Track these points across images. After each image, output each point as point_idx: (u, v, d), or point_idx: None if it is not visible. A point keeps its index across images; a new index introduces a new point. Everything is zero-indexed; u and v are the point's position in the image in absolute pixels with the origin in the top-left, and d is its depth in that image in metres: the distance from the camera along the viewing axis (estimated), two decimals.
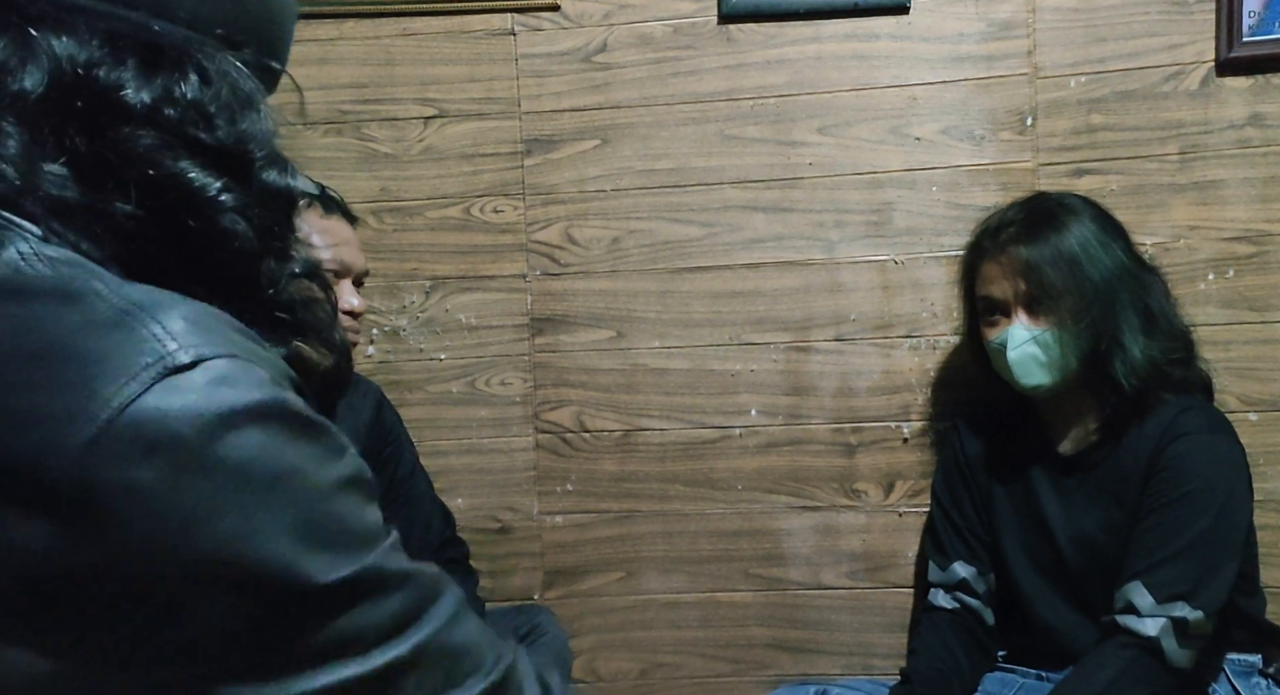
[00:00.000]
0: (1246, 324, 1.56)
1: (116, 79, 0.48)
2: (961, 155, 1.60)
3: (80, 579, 0.40)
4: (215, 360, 0.43)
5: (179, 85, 0.50)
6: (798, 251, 1.64)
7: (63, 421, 0.40)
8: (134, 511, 0.40)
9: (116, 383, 0.41)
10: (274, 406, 0.44)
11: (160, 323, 0.43)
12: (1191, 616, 1.25)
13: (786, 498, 1.67)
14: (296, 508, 0.44)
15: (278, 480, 0.43)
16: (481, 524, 1.70)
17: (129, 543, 0.40)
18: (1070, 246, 1.32)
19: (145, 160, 0.48)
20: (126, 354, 0.42)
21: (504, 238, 1.68)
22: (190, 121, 0.50)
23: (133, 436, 0.40)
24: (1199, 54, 1.55)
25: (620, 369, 1.68)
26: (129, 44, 0.49)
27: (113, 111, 0.48)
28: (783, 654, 1.68)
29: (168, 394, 0.41)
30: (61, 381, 0.41)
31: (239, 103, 0.52)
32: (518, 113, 1.67)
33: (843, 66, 1.62)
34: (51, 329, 0.42)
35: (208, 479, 0.41)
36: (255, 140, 0.53)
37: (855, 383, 1.65)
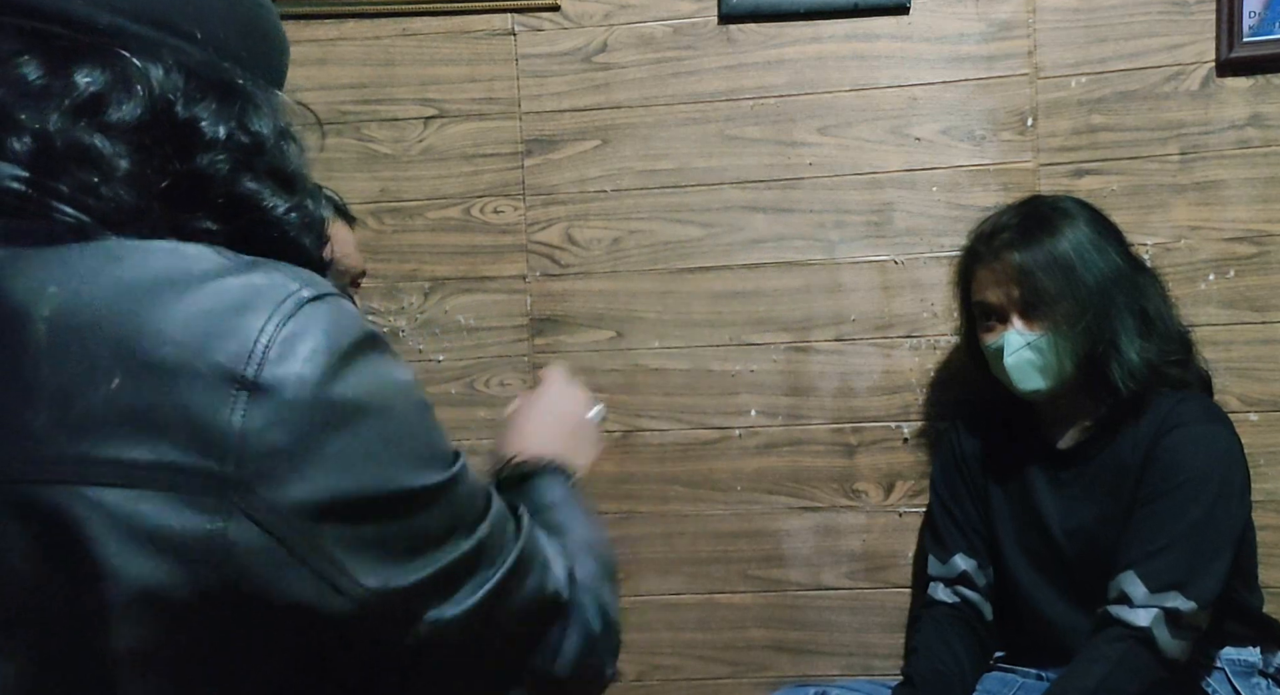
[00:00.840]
0: (1247, 324, 1.56)
1: (199, 111, 0.55)
2: (962, 156, 1.60)
3: (269, 448, 0.49)
4: (330, 297, 0.53)
5: (251, 120, 0.58)
6: (798, 252, 1.64)
7: (241, 331, 0.49)
8: (305, 395, 0.49)
9: (270, 307, 0.50)
10: (378, 334, 0.55)
11: (277, 270, 0.52)
12: (1185, 607, 1.25)
13: (786, 498, 1.66)
14: (411, 416, 0.54)
15: (399, 392, 0.54)
16: None
17: (300, 421, 0.49)
18: (1064, 251, 1.33)
19: (227, 182, 0.56)
20: (269, 289, 0.51)
21: (504, 238, 1.68)
22: (259, 151, 0.57)
23: (292, 348, 0.49)
24: (1199, 54, 1.55)
25: (620, 369, 1.68)
26: (207, 80, 0.56)
27: (196, 139, 0.55)
28: (782, 655, 1.67)
29: (309, 320, 0.51)
30: (229, 303, 0.50)
31: (283, 135, 0.60)
32: (518, 113, 1.67)
33: (843, 67, 1.62)
34: (204, 265, 0.51)
35: (353, 387, 0.51)
36: (302, 169, 0.61)
37: (855, 383, 1.64)
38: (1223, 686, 1.34)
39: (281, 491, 0.49)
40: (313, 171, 0.62)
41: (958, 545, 1.50)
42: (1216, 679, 1.35)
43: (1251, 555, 1.41)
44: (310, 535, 0.49)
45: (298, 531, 0.49)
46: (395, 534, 0.53)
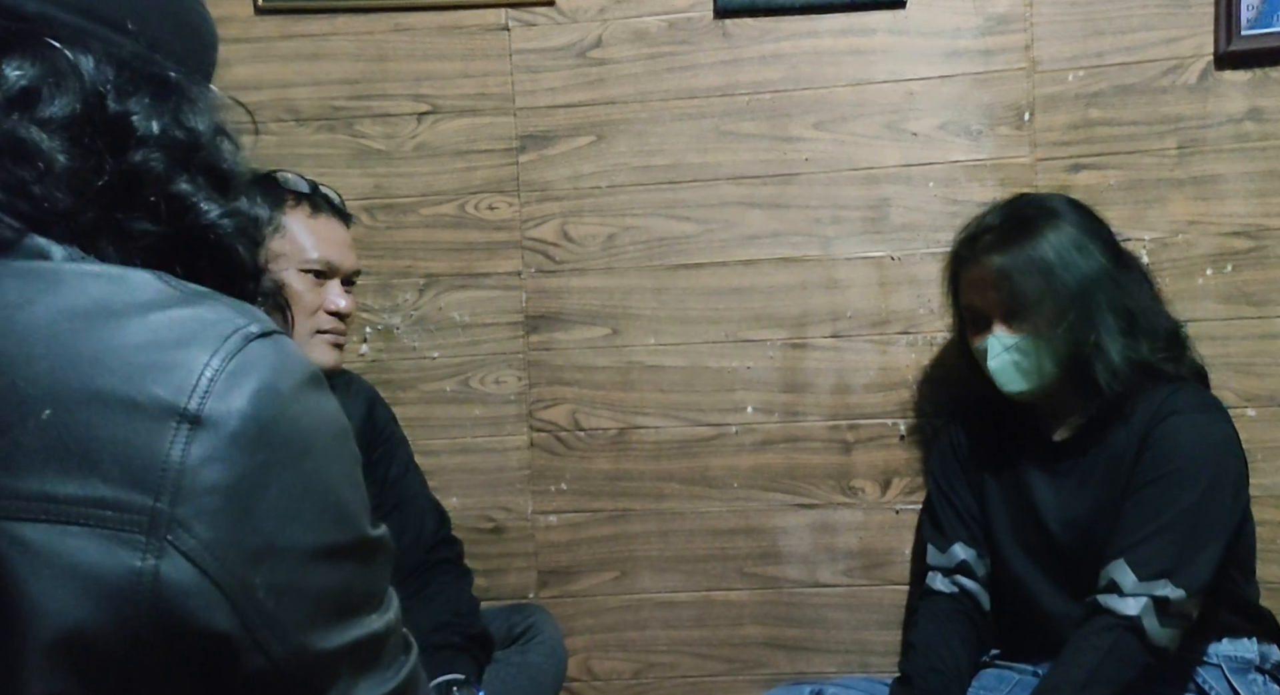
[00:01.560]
0: (1245, 319, 1.55)
1: (131, 105, 0.53)
2: (959, 151, 1.60)
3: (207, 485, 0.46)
4: (277, 335, 0.51)
5: (186, 116, 0.55)
6: (794, 248, 1.63)
7: (185, 363, 0.47)
8: (249, 430, 0.47)
9: (215, 342, 0.48)
10: (320, 376, 0.52)
11: (221, 303, 0.50)
12: (1173, 595, 1.25)
13: (783, 495, 1.66)
14: (347, 468, 0.52)
15: (337, 438, 0.52)
16: (475, 523, 1.69)
17: (240, 459, 0.47)
18: (1044, 254, 1.32)
19: (161, 181, 0.53)
20: (214, 322, 0.49)
21: (498, 235, 1.67)
22: (193, 149, 0.55)
23: (238, 382, 0.47)
24: (1197, 48, 1.54)
25: (615, 366, 1.67)
26: (139, 73, 0.54)
27: (129, 135, 0.53)
28: (778, 653, 1.67)
29: (255, 356, 0.48)
30: (172, 335, 0.47)
31: (218, 132, 0.58)
32: (512, 109, 1.65)
33: (839, 61, 1.61)
34: (146, 295, 0.49)
35: (297, 425, 0.49)
36: (239, 169, 0.58)
37: (852, 379, 1.64)
38: (1219, 683, 1.34)
39: (219, 530, 0.46)
40: (247, 169, 0.60)
41: (957, 534, 1.50)
42: (1213, 675, 1.35)
43: (1249, 548, 1.41)
44: (244, 578, 0.46)
45: (233, 573, 0.46)
46: (328, 587, 0.50)
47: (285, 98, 1.66)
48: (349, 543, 0.50)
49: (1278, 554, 1.56)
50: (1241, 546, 1.38)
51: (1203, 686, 1.34)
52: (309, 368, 0.51)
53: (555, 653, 1.55)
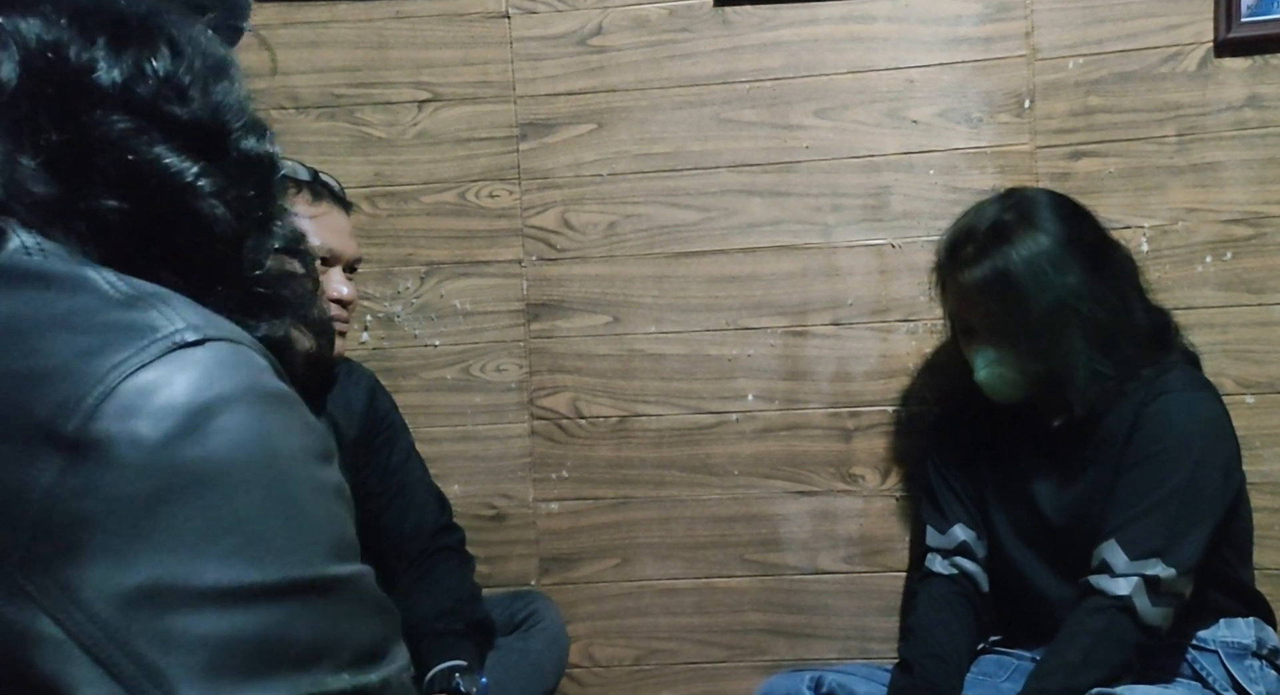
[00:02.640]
0: (1244, 306, 1.56)
1: (87, 59, 0.47)
2: (959, 138, 1.60)
3: (77, 517, 0.41)
4: (220, 342, 0.44)
5: (149, 60, 0.49)
6: (795, 236, 1.64)
7: (77, 380, 0.41)
8: (135, 456, 0.41)
9: (126, 351, 0.42)
10: (271, 393, 0.45)
11: (169, 305, 0.45)
12: (1164, 574, 1.26)
13: (783, 483, 1.66)
14: (280, 497, 0.43)
15: (265, 464, 0.43)
16: (476, 511, 1.69)
17: (125, 487, 0.41)
18: (1019, 274, 1.32)
19: (121, 147, 0.47)
20: (138, 329, 0.43)
21: (499, 223, 1.67)
22: (163, 98, 0.48)
23: (137, 399, 0.41)
24: (1197, 35, 1.54)
25: (616, 354, 1.67)
26: (96, 20, 0.48)
27: (85, 95, 0.47)
28: (779, 639, 1.68)
29: (175, 367, 0.42)
30: (74, 347, 0.42)
31: (211, 72, 0.51)
32: (513, 96, 1.65)
33: (839, 49, 1.61)
34: (65, 305, 0.43)
35: (203, 447, 0.42)
36: (230, 109, 0.51)
37: (852, 367, 1.64)
38: (1216, 669, 1.35)
39: (83, 571, 0.40)
40: (247, 115, 0.52)
41: (957, 516, 1.51)
42: (1209, 660, 1.36)
43: (1245, 531, 1.41)
44: (113, 627, 0.40)
45: (96, 621, 0.40)
46: (237, 635, 0.41)
47: (286, 85, 1.66)
48: (273, 583, 0.42)
49: (1276, 540, 1.56)
50: (1236, 529, 1.39)
51: (1199, 672, 1.35)
52: (251, 382, 0.44)
53: (557, 639, 1.56)
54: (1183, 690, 1.33)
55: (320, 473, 0.46)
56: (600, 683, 1.70)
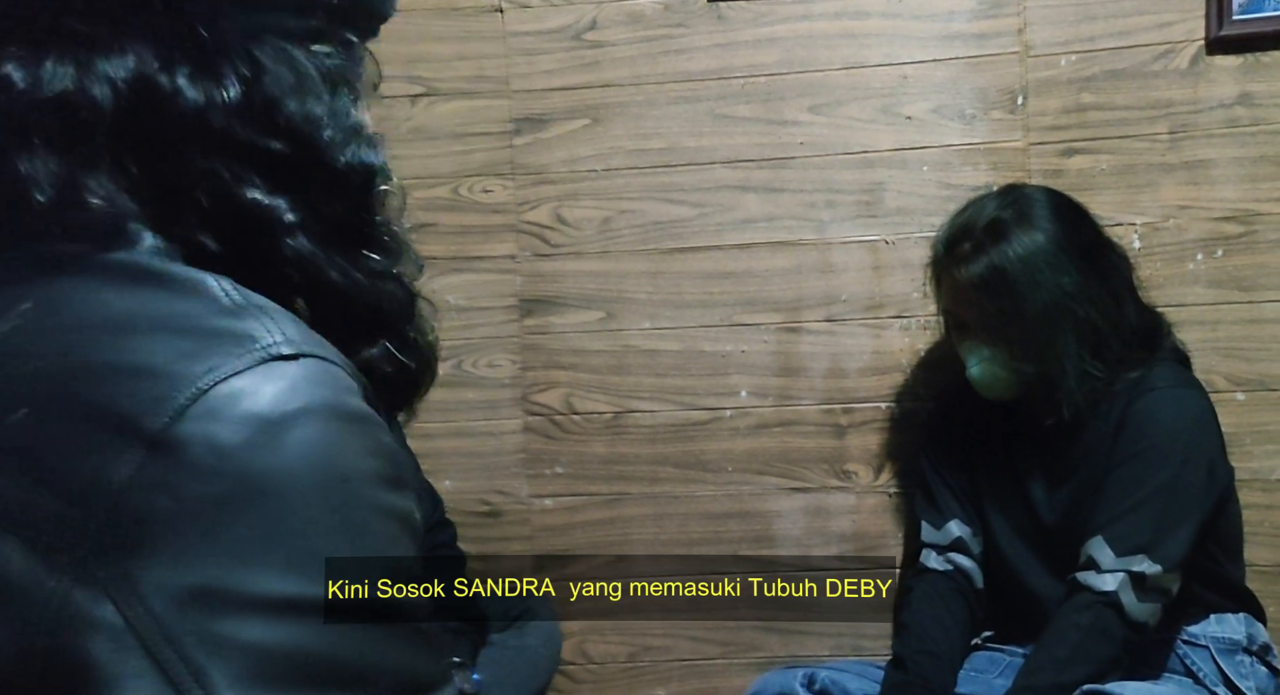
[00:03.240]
0: (1234, 304, 1.57)
1: (171, 90, 0.48)
2: (952, 134, 1.60)
3: (148, 512, 0.42)
4: (315, 359, 0.45)
5: (227, 88, 0.49)
6: (789, 232, 1.64)
7: (173, 380, 0.43)
8: (209, 460, 0.42)
9: (223, 357, 0.43)
10: (351, 413, 0.46)
11: (273, 319, 0.46)
12: (1150, 570, 1.26)
13: (777, 479, 1.66)
14: (343, 516, 0.44)
15: (334, 482, 0.44)
16: (470, 507, 1.68)
17: (196, 488, 0.42)
18: (1015, 273, 1.33)
19: (210, 185, 0.48)
20: (239, 337, 0.44)
21: (494, 218, 1.67)
22: (246, 123, 0.49)
23: (223, 404, 0.42)
24: (1189, 32, 1.55)
25: (610, 350, 1.67)
26: (181, 52, 0.48)
27: (173, 127, 0.48)
28: (772, 636, 1.68)
29: (265, 377, 0.43)
30: (176, 349, 0.44)
31: (298, 89, 0.50)
32: (507, 91, 1.65)
33: (833, 45, 1.61)
34: (176, 307, 0.45)
35: (276, 457, 0.43)
36: (319, 123, 0.51)
37: (846, 363, 1.64)
38: (1207, 664, 1.36)
39: (147, 565, 0.41)
40: (360, 134, 0.51)
41: (953, 512, 1.51)
42: (1200, 656, 1.36)
43: (1234, 528, 1.42)
44: (167, 623, 0.41)
45: (153, 615, 0.41)
46: (278, 647, 0.42)
47: None
48: (324, 599, 0.43)
49: (1265, 537, 1.57)
50: (1225, 526, 1.39)
51: (1190, 668, 1.36)
52: (333, 399, 0.45)
53: (551, 636, 1.56)
54: (1174, 686, 1.34)
55: (388, 498, 0.46)
56: (594, 679, 1.70)
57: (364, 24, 0.58)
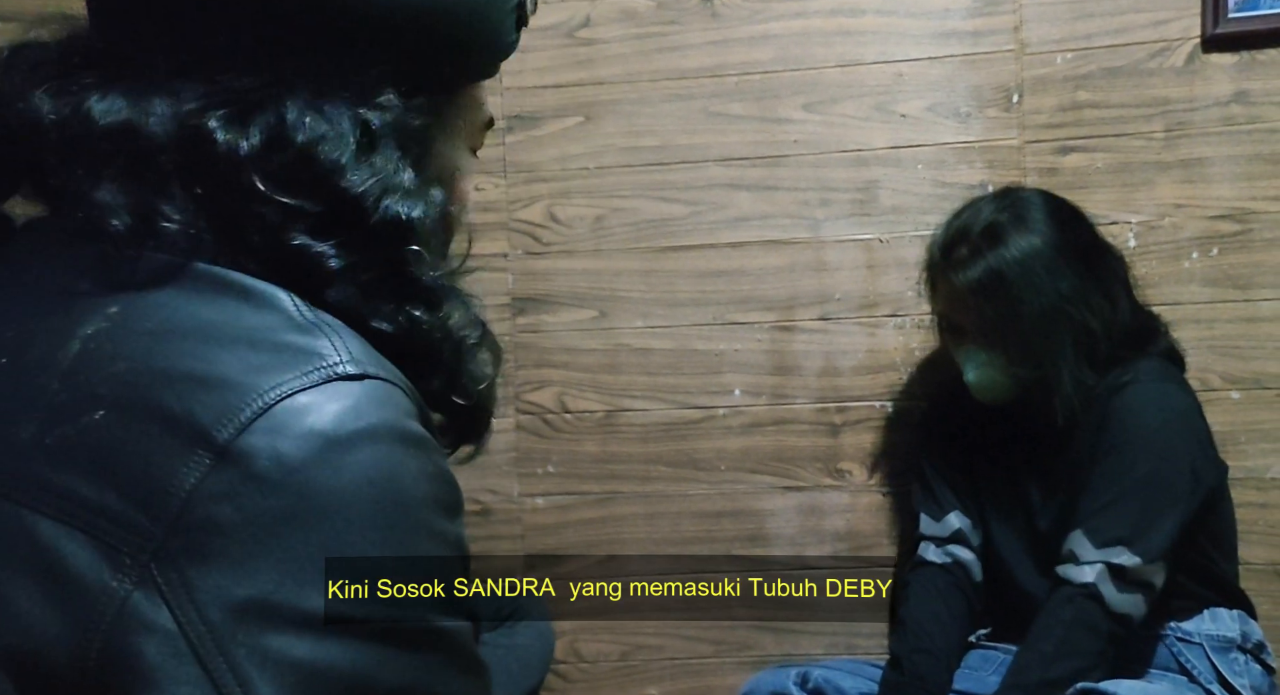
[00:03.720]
0: (1230, 302, 1.56)
1: (208, 131, 0.48)
2: (947, 132, 1.59)
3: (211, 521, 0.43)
4: (378, 381, 0.46)
5: (252, 136, 0.49)
6: (783, 230, 1.63)
7: (242, 392, 0.44)
8: (273, 473, 0.43)
9: (291, 373, 0.45)
10: (411, 437, 0.46)
11: (341, 339, 0.47)
12: (1129, 562, 1.26)
13: (770, 478, 1.66)
14: (398, 538, 0.45)
15: (391, 505, 0.45)
16: None
17: (259, 501, 0.43)
18: (1013, 277, 1.32)
19: (259, 225, 0.49)
20: (307, 354, 0.46)
21: (485, 216, 1.66)
22: (271, 171, 0.49)
23: (288, 419, 0.44)
24: (1185, 30, 1.54)
25: (603, 349, 1.66)
26: (218, 97, 0.49)
27: (215, 168, 0.49)
28: (765, 635, 1.67)
29: (330, 396, 0.45)
30: (249, 362, 0.45)
31: (327, 142, 0.50)
32: (499, 88, 1.64)
33: (828, 42, 1.60)
34: (253, 320, 0.47)
35: (337, 476, 0.43)
36: (344, 176, 0.50)
37: (840, 362, 1.64)
38: (1201, 662, 1.35)
39: (206, 573, 0.42)
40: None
41: (953, 503, 1.49)
42: (1195, 654, 1.36)
43: (1226, 524, 1.41)
44: (220, 633, 0.42)
45: (207, 623, 0.42)
46: (329, 664, 0.43)
47: None
48: (375, 621, 0.44)
49: (1260, 535, 1.56)
50: (1217, 523, 1.39)
51: (1185, 665, 1.35)
52: (394, 422, 0.46)
53: (543, 635, 1.55)
54: (1168, 684, 1.34)
55: (441, 523, 0.47)
56: (586, 678, 1.70)
57: (466, 66, 0.58)
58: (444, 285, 0.53)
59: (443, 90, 0.57)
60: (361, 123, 0.51)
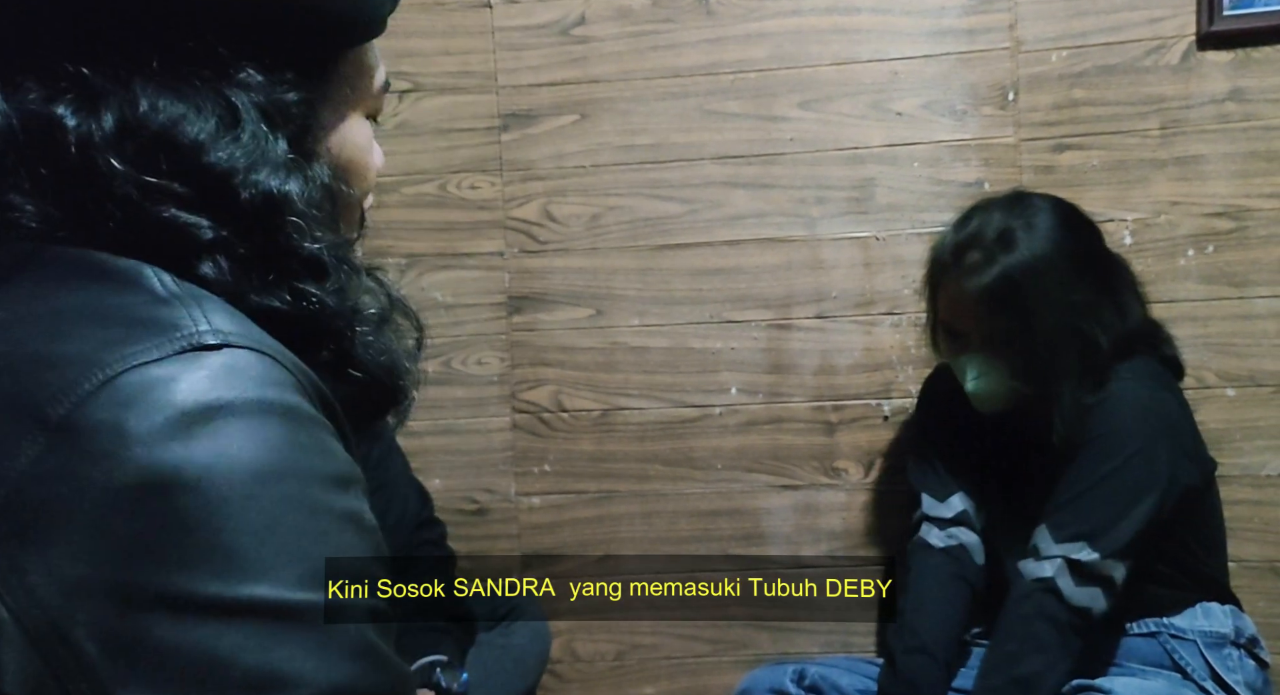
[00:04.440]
0: (1225, 299, 1.56)
1: (57, 119, 0.47)
2: (943, 130, 1.59)
3: (45, 500, 0.41)
4: (240, 350, 0.44)
5: (104, 119, 0.48)
6: (778, 228, 1.63)
7: (83, 367, 0.42)
8: (113, 448, 0.40)
9: (141, 345, 0.43)
10: (282, 407, 0.44)
11: (202, 310, 0.45)
12: (1086, 557, 1.25)
13: (766, 476, 1.66)
14: (254, 508, 0.42)
15: (250, 477, 0.42)
16: (458, 505, 1.68)
17: (98, 477, 0.40)
18: (1026, 288, 1.29)
19: (119, 203, 0.47)
20: (162, 326, 0.44)
21: (481, 215, 1.65)
22: (128, 152, 0.48)
23: (135, 392, 0.41)
24: (1180, 28, 1.54)
25: (599, 348, 1.66)
26: (65, 85, 0.48)
27: (68, 152, 0.47)
28: (761, 633, 1.67)
29: (183, 366, 0.43)
30: (99, 338, 0.43)
31: (185, 120, 0.49)
32: (494, 87, 1.64)
33: (824, 40, 1.60)
34: (111, 300, 0.45)
35: (187, 449, 0.41)
36: (204, 152, 0.49)
37: (836, 360, 1.64)
38: (1194, 658, 1.35)
39: (40, 555, 0.39)
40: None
41: (957, 483, 1.46)
42: (1188, 650, 1.36)
43: (1214, 524, 1.41)
44: (56, 615, 0.39)
45: (41, 607, 0.39)
46: (179, 648, 0.40)
47: None
48: (231, 599, 0.40)
49: (1255, 533, 1.57)
50: (1203, 519, 1.38)
51: (1178, 662, 1.35)
52: (260, 393, 0.43)
53: (539, 634, 1.55)
54: (1163, 681, 1.34)
55: (321, 494, 0.44)
56: (582, 678, 1.70)
57: (334, 32, 0.56)
58: (331, 257, 0.52)
59: (315, 61, 0.55)
60: (223, 101, 0.50)
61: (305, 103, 0.53)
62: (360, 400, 0.53)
